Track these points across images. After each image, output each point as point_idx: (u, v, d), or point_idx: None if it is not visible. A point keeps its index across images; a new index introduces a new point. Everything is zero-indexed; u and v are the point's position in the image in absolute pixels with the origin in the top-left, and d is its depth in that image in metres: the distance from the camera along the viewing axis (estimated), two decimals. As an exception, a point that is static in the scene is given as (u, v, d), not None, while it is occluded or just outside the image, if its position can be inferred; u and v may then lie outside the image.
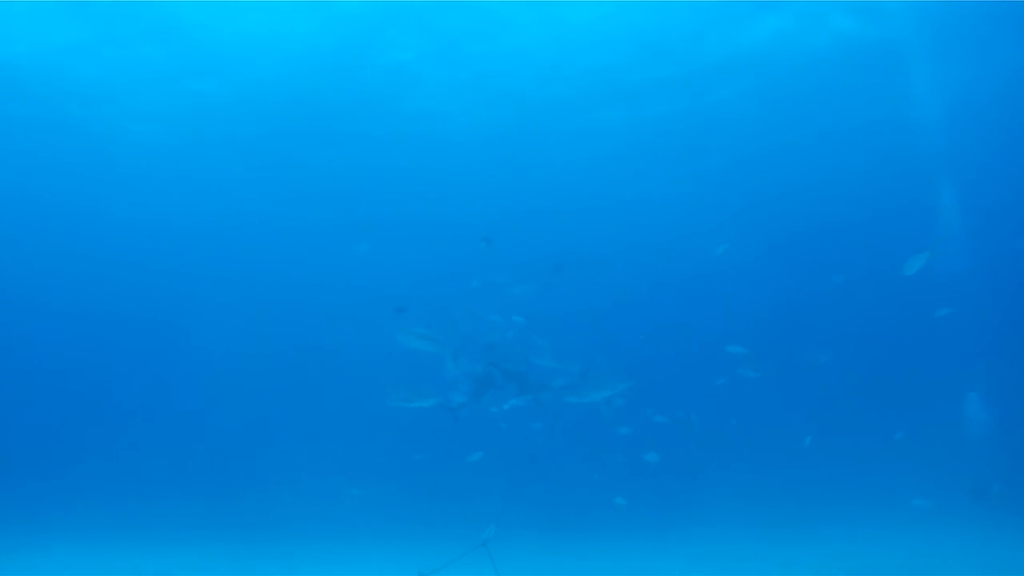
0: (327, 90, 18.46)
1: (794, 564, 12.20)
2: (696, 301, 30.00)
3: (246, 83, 18.01)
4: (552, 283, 18.36)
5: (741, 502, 18.03)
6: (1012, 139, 21.62)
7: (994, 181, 23.26)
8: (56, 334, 32.95)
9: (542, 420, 17.70)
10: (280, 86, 18.16)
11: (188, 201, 26.27)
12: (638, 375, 13.28)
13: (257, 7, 14.75)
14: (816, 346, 21.15)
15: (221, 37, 15.82)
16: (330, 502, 20.25)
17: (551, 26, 15.48)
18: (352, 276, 29.77)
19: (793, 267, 28.60)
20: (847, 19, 15.73)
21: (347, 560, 14.27)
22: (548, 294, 19.03)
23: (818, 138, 21.86)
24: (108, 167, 23.15)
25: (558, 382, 12.32)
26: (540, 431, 16.73)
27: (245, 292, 32.12)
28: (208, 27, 15.47)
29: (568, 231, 26.49)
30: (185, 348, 32.75)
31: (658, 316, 28.37)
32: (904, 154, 22.54)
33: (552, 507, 18.68)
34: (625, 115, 20.10)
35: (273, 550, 15.18)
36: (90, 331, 33.31)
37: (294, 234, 28.73)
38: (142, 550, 15.03)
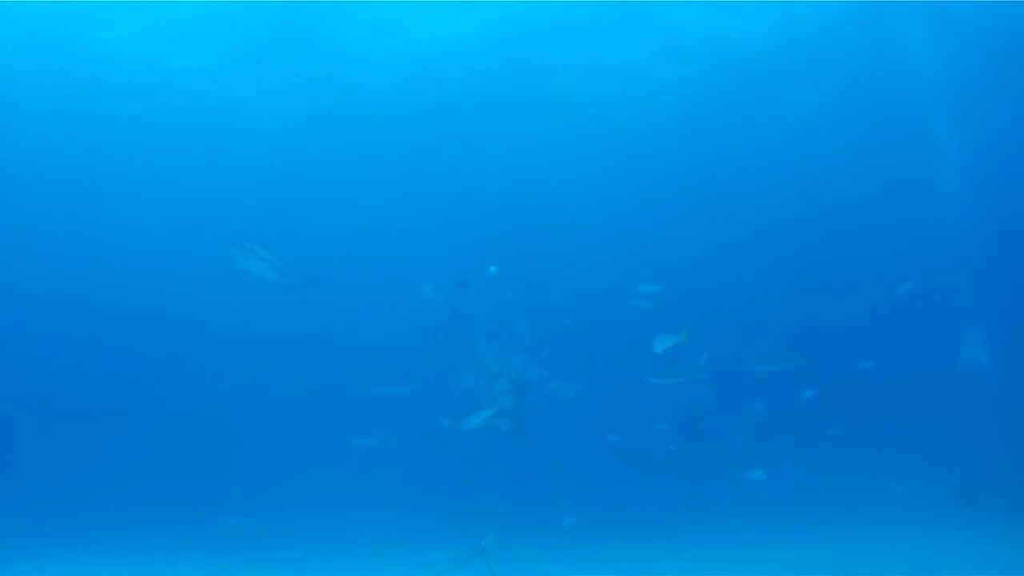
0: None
1: (795, 569, 12.33)
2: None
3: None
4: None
5: (743, 505, 18.11)
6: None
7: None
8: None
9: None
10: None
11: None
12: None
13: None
14: (857, 352, 21.13)
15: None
16: (335, 508, 20.53)
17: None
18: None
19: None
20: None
21: (351, 567, 14.49)
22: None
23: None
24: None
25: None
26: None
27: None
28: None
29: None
30: (196, 353, 32.63)
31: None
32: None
33: (552, 510, 18.87)
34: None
35: (280, 559, 15.44)
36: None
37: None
38: (146, 560, 15.30)
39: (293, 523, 19.82)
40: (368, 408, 22.30)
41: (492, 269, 13.24)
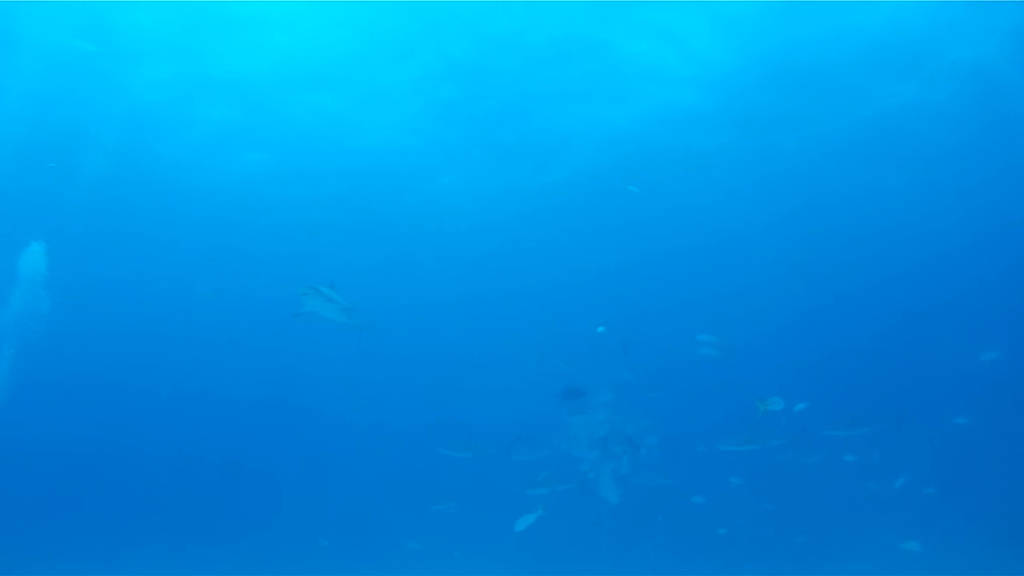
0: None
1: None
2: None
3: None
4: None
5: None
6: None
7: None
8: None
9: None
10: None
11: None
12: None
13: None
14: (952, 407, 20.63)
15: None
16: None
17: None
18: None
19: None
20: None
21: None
22: None
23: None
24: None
25: None
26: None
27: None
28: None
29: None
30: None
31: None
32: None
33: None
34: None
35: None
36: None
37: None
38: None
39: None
40: (449, 472, 22.34)
41: (600, 329, 13.69)
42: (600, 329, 13.86)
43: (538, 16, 14.71)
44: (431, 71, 16.36)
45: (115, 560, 21.99)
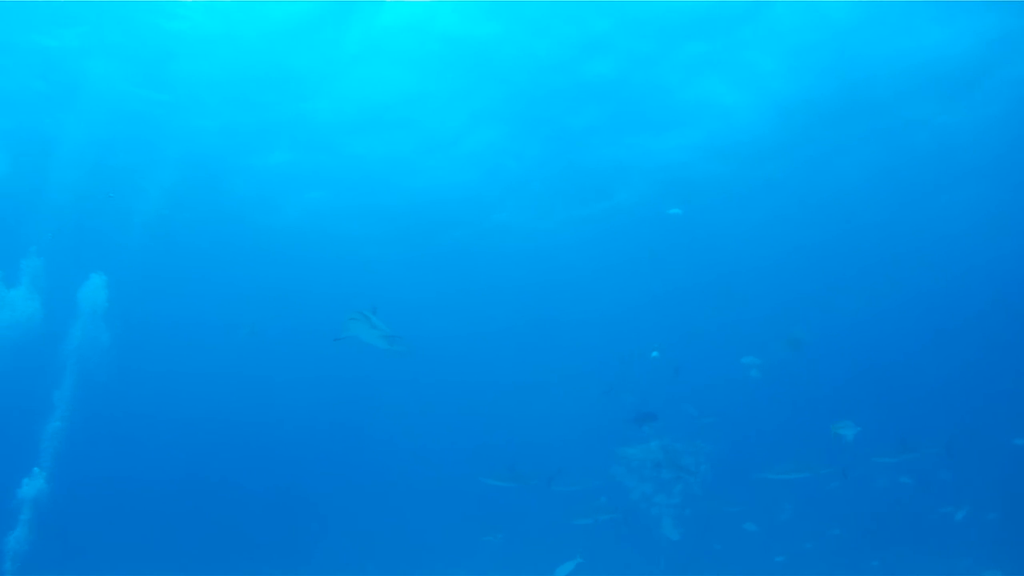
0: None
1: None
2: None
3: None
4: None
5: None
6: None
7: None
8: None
9: None
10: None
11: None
12: None
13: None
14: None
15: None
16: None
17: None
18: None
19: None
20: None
21: None
22: None
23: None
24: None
25: None
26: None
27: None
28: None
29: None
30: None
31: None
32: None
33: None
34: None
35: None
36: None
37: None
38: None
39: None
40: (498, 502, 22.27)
41: (654, 353, 13.77)
42: (654, 354, 13.93)
43: (592, 48, 15.01)
44: (489, 106, 16.67)
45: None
